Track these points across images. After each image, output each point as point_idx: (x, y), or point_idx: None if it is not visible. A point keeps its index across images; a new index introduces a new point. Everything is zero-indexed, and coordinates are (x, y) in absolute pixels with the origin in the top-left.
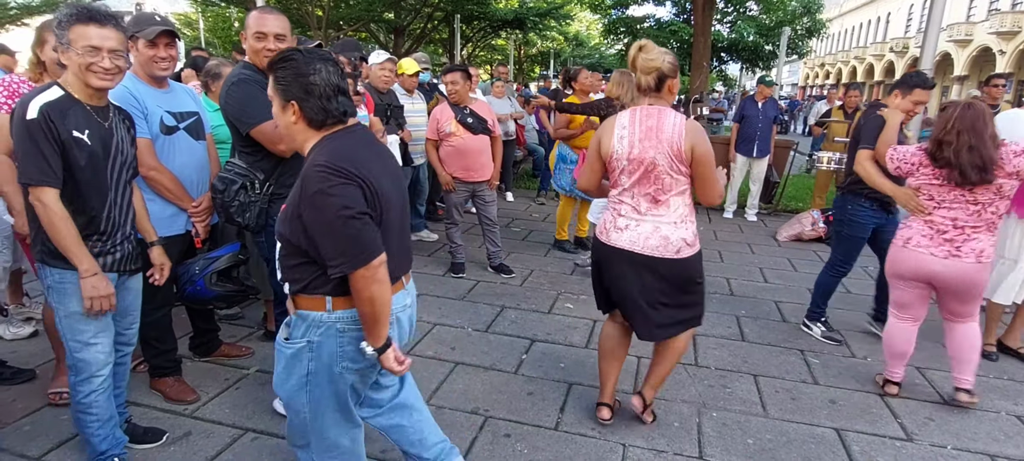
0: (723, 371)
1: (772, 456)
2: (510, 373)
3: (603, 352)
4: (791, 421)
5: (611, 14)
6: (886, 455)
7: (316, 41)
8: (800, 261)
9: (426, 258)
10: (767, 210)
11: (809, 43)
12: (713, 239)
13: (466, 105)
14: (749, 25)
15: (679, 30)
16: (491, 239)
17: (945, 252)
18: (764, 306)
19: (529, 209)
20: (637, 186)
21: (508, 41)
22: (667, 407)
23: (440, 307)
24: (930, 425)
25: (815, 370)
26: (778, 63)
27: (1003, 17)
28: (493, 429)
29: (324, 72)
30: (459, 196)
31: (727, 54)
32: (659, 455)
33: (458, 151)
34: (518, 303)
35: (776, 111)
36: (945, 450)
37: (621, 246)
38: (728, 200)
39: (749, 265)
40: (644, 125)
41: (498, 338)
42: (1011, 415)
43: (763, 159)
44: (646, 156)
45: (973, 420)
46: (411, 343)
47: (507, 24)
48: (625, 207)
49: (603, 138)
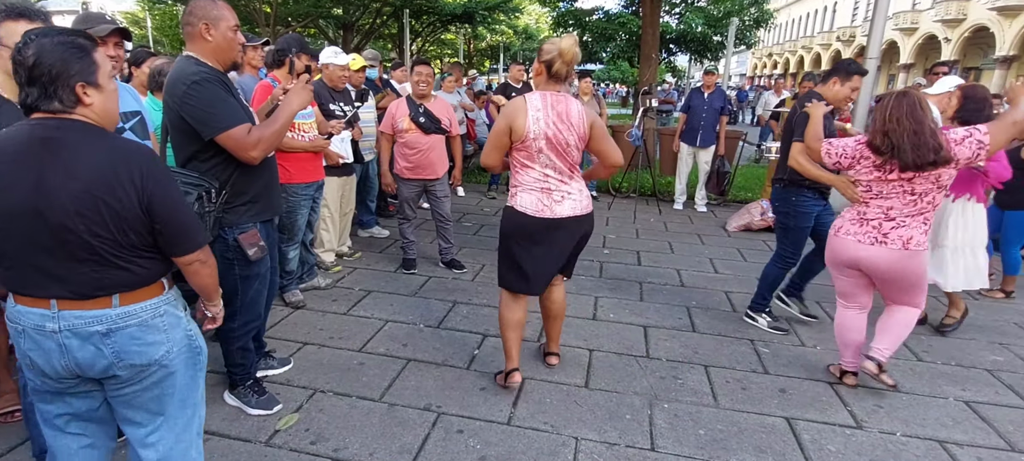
0: (674, 362)
1: (723, 446)
2: (462, 369)
3: (514, 322)
4: (742, 411)
5: (560, 7)
6: (836, 443)
7: (263, 39)
8: (749, 251)
9: (378, 255)
10: (717, 200)
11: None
12: (663, 230)
13: (425, 103)
14: (697, 16)
15: (628, 22)
16: (444, 235)
17: (871, 239)
18: (714, 297)
19: (481, 203)
20: (556, 161)
21: (458, 35)
22: (619, 399)
23: (391, 304)
24: (879, 412)
25: (765, 359)
26: (726, 54)
27: (948, 5)
28: (445, 425)
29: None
30: (411, 192)
31: (676, 45)
32: (611, 448)
33: (408, 148)
34: (470, 298)
35: (723, 101)
36: (894, 437)
37: (566, 215)
38: (677, 191)
39: (699, 256)
40: (556, 110)
41: (450, 334)
42: (959, 400)
43: (707, 149)
44: (561, 136)
45: (922, 406)
46: (363, 340)
47: (456, 18)
48: (552, 181)
49: (517, 120)
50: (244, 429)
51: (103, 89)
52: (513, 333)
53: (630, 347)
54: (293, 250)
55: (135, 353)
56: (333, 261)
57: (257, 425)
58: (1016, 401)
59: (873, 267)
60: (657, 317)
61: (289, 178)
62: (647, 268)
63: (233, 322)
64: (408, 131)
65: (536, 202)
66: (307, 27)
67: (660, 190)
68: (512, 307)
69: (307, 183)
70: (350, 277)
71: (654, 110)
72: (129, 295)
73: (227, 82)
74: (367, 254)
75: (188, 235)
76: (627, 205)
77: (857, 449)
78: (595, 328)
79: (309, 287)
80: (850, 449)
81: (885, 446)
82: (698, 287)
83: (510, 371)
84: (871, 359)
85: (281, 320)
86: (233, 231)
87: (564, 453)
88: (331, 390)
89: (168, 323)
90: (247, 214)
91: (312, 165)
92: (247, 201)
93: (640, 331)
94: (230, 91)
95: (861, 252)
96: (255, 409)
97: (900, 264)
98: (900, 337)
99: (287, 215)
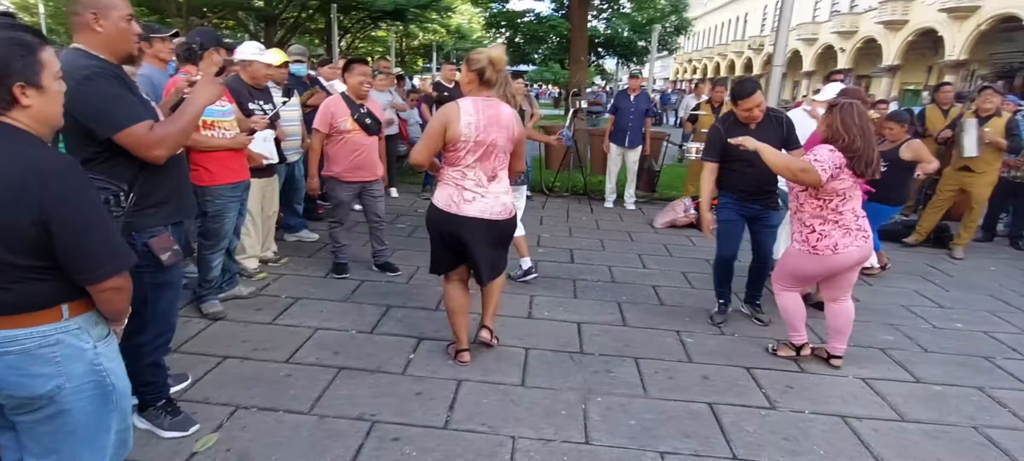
0: (606, 356)
1: (653, 435)
2: (397, 374)
3: (456, 308)
4: (669, 399)
5: (492, 8)
6: (753, 424)
7: (173, 30)
8: (675, 246)
9: (306, 260)
10: (645, 198)
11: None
12: (595, 228)
13: (364, 103)
14: (623, 21)
15: (558, 25)
16: (377, 237)
17: (862, 238)
18: (643, 291)
19: (415, 204)
20: (480, 164)
21: (389, 32)
22: (554, 396)
23: (321, 310)
24: (790, 393)
25: (690, 349)
26: (651, 58)
27: (842, 18)
28: (380, 434)
29: None
30: (349, 194)
31: (604, 49)
32: (547, 444)
33: (350, 149)
34: (404, 301)
35: (647, 104)
36: (803, 414)
37: (473, 215)
38: (608, 190)
39: (629, 252)
40: (487, 113)
41: (384, 339)
42: (857, 378)
43: (635, 149)
44: (489, 138)
45: (825, 385)
46: (291, 350)
47: (387, 15)
48: (469, 182)
49: (450, 123)
50: (157, 454)
51: (46, 91)
52: (459, 318)
53: (565, 344)
54: (217, 257)
55: (14, 384)
56: (257, 268)
57: (172, 449)
58: (904, 376)
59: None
60: (590, 313)
61: (213, 179)
62: (580, 265)
63: (142, 336)
64: (351, 131)
65: (448, 198)
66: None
67: (591, 189)
68: (452, 294)
69: (234, 184)
70: (276, 284)
71: (584, 111)
72: (9, 319)
73: (122, 76)
74: (294, 259)
75: (96, 263)
76: (560, 204)
77: (771, 428)
78: (531, 326)
79: (230, 297)
80: (765, 429)
81: (795, 424)
82: (628, 282)
83: (459, 351)
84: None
85: (197, 334)
86: (142, 236)
87: (501, 453)
88: (255, 406)
89: (64, 355)
90: (157, 217)
91: (237, 164)
92: (156, 203)
93: (574, 327)
94: (126, 85)
95: (862, 253)
96: (169, 431)
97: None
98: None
99: (213, 219)
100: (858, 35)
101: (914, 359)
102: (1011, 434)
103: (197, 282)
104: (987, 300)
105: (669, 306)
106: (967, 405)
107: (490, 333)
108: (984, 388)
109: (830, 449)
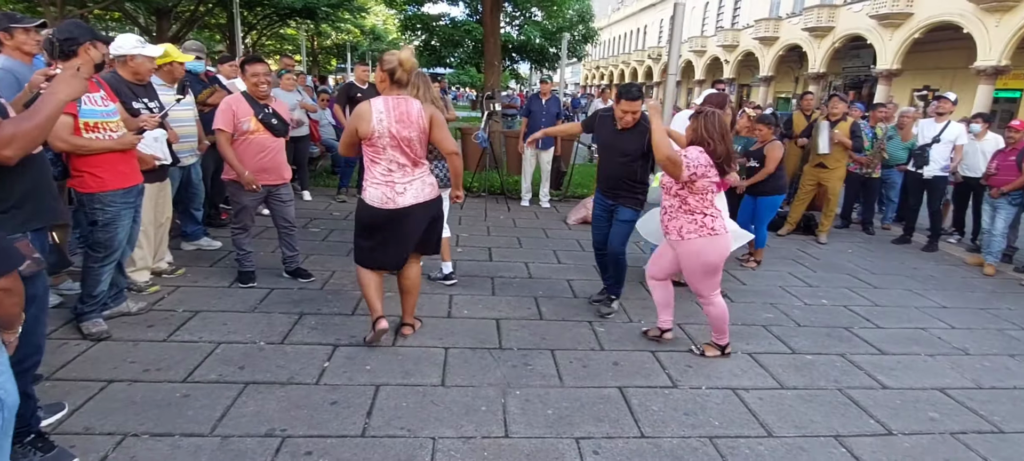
0: (524, 350)
1: (569, 422)
2: (311, 385)
3: (369, 283)
4: (583, 387)
5: (407, 10)
6: (658, 403)
7: (40, 21)
8: (587, 241)
9: (207, 269)
10: (558, 196)
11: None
12: (512, 227)
13: (268, 103)
14: (535, 29)
15: (473, 30)
16: (288, 243)
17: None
18: (558, 285)
19: (329, 208)
20: (399, 156)
21: (299, 30)
22: (474, 393)
23: (225, 323)
24: (689, 371)
25: (601, 338)
26: (561, 64)
27: (726, 34)
28: (292, 449)
29: None
30: (255, 199)
31: (518, 54)
32: (468, 442)
33: (255, 151)
34: (318, 308)
35: (558, 107)
36: (701, 390)
37: (409, 204)
38: (523, 189)
39: (544, 248)
40: (397, 110)
41: (296, 349)
42: (745, 353)
43: (548, 150)
44: (401, 133)
45: (718, 362)
46: (189, 368)
47: (296, 13)
48: (396, 175)
49: (363, 120)
50: None
51: None
52: (372, 291)
53: (484, 341)
54: (107, 271)
55: None
56: (148, 281)
57: None
58: (783, 348)
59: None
60: (508, 309)
61: (102, 185)
62: (498, 263)
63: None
64: (255, 132)
65: (381, 196)
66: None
67: (508, 189)
68: (366, 272)
69: (126, 189)
70: (171, 297)
71: (499, 114)
72: None
73: None
74: (193, 270)
75: None
76: (478, 204)
77: (674, 405)
78: (450, 325)
79: (116, 314)
80: (668, 406)
81: (694, 399)
82: (544, 278)
83: (375, 320)
84: (667, 331)
85: (77, 357)
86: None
87: (421, 455)
88: (146, 432)
89: None
90: (11, 223)
91: (127, 167)
92: (9, 207)
93: (493, 324)
94: None
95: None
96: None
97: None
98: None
99: (104, 228)
100: (739, 48)
101: (790, 333)
102: (867, 392)
103: (78, 298)
104: (846, 278)
105: (582, 299)
106: (832, 370)
107: (411, 327)
108: (845, 354)
109: (723, 420)
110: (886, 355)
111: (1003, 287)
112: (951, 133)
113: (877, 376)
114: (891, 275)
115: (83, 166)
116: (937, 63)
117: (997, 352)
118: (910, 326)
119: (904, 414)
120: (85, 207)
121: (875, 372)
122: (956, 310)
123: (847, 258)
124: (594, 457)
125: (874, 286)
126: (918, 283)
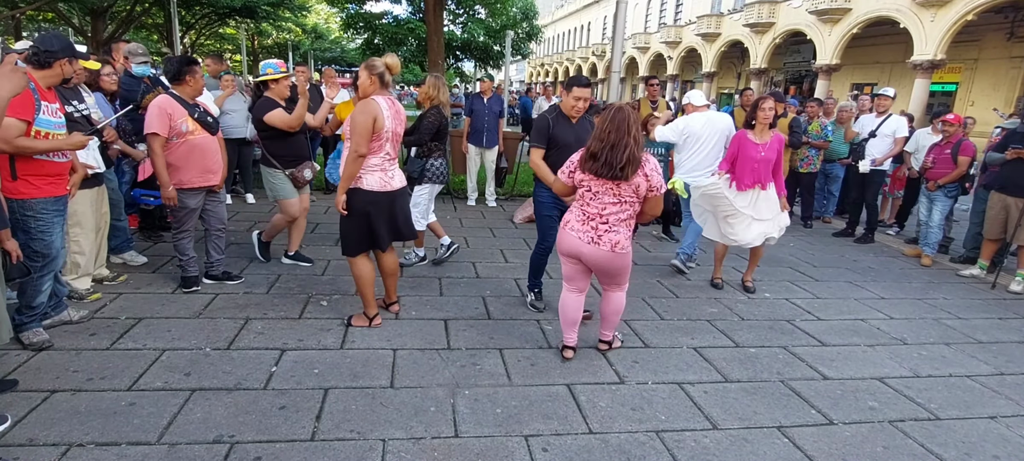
0: (473, 350)
1: (517, 420)
2: (258, 390)
3: (368, 281)
4: (532, 385)
5: (349, 8)
6: (605, 399)
7: None
8: (533, 239)
9: (150, 275)
10: (503, 195)
11: (529, 45)
12: (459, 226)
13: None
14: (478, 27)
15: (416, 28)
16: (217, 245)
17: (590, 238)
18: (506, 284)
19: (274, 211)
20: (392, 147)
21: (239, 29)
22: (423, 394)
23: (169, 329)
24: (636, 367)
25: (549, 335)
26: (506, 62)
27: (669, 30)
28: (240, 455)
29: None
30: (196, 201)
31: (462, 52)
32: (418, 443)
33: (198, 152)
34: (265, 312)
35: (501, 106)
36: (647, 385)
37: (398, 187)
38: (469, 189)
39: (491, 248)
40: (392, 109)
41: (242, 354)
42: (690, 348)
43: (492, 149)
44: (395, 128)
45: (664, 357)
46: (134, 376)
47: (235, 12)
48: (387, 163)
49: (378, 117)
50: None
51: None
52: (369, 288)
53: (432, 341)
54: (47, 281)
55: None
56: (89, 288)
57: None
58: (726, 342)
59: (590, 261)
60: (456, 309)
61: (38, 191)
62: (446, 264)
63: None
64: (194, 132)
65: (379, 181)
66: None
67: (454, 188)
68: (362, 266)
69: (57, 197)
70: (114, 304)
71: None
72: None
73: None
74: (135, 276)
75: None
76: None
77: (621, 401)
78: (398, 327)
79: (56, 323)
80: (616, 402)
81: (641, 394)
82: (491, 277)
83: (373, 315)
84: (603, 342)
85: (17, 368)
86: None
87: (371, 458)
88: (92, 442)
89: None
90: None
91: (59, 177)
92: None
93: (441, 325)
94: None
95: (583, 248)
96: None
97: (608, 262)
98: (615, 321)
99: (39, 238)
100: (682, 45)
101: (734, 327)
102: (809, 384)
103: (15, 309)
104: (788, 272)
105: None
106: (775, 362)
107: (397, 304)
108: (788, 346)
109: (670, 413)
110: (827, 346)
111: (939, 277)
112: (890, 127)
113: (818, 367)
114: (831, 268)
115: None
116: (875, 58)
117: (933, 341)
118: (850, 317)
119: (844, 404)
120: (15, 214)
121: (816, 363)
122: (894, 301)
123: (788, 252)
124: (543, 455)
125: (815, 279)
126: (858, 275)
